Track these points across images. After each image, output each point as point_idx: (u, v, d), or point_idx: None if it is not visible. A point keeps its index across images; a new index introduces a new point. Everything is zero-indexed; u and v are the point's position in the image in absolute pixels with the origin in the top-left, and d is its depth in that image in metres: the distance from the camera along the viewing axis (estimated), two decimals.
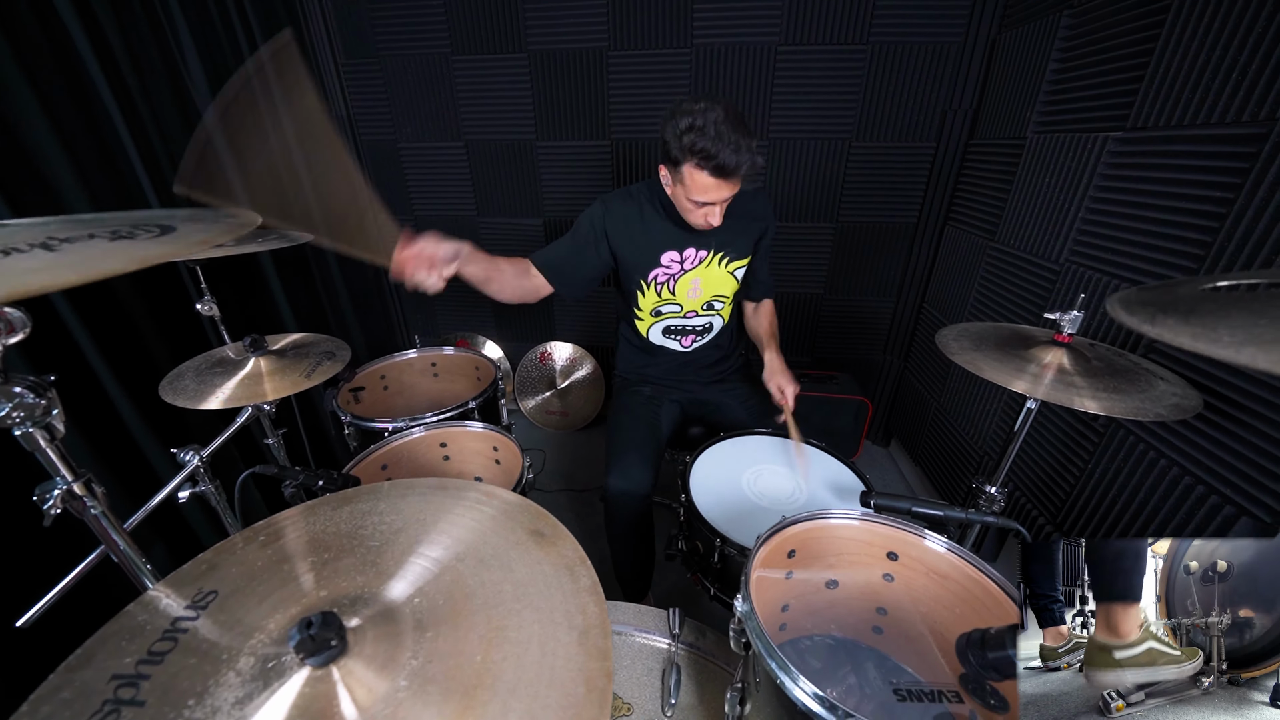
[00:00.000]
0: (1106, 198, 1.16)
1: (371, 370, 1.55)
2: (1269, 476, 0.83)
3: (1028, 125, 1.42)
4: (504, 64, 1.87)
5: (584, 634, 0.51)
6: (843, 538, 0.76)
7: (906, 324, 2.12)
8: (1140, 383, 0.80)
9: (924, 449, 1.99)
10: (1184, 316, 0.41)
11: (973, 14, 1.63)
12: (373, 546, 0.61)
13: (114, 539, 0.68)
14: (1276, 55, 0.83)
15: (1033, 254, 1.39)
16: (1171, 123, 1.01)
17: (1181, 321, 0.41)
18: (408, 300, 2.46)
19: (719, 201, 1.08)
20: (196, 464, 0.98)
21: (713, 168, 1.01)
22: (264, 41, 1.63)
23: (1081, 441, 1.20)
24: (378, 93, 1.98)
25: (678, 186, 1.10)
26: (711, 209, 1.10)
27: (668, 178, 1.13)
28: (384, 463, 1.19)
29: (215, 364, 1.04)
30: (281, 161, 0.76)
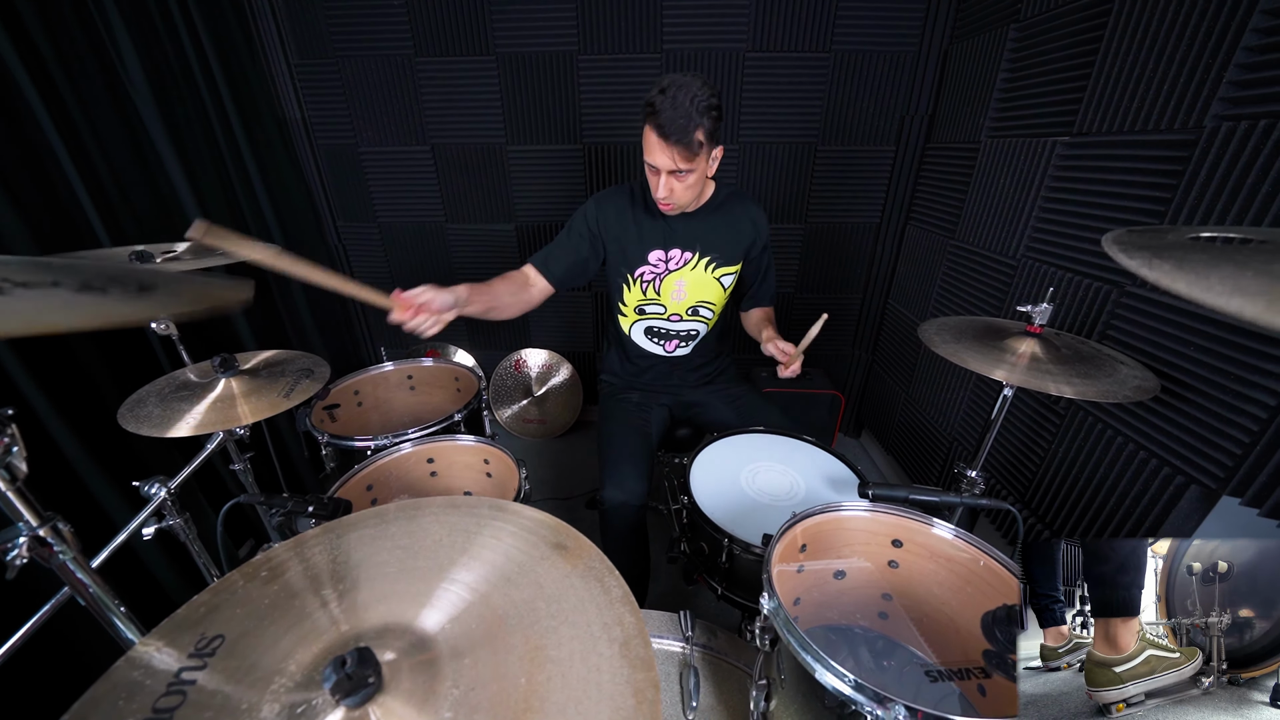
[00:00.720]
0: (1058, 197, 1.26)
1: (344, 386, 1.48)
2: (1211, 447, 0.92)
3: (982, 130, 1.52)
4: (471, 66, 1.83)
5: (625, 645, 0.51)
6: (851, 529, 0.79)
7: (873, 319, 2.22)
8: (1105, 368, 0.87)
9: (895, 438, 2.08)
10: (1177, 264, 0.44)
11: (925, 25, 1.73)
12: (389, 574, 0.58)
13: (84, 583, 0.61)
14: (1202, 68, 0.93)
15: (991, 250, 1.48)
16: (1113, 129, 1.11)
17: (1176, 268, 0.43)
18: (373, 313, 2.35)
19: (665, 170, 1.07)
20: (164, 497, 0.90)
21: (655, 124, 1.02)
22: (209, 40, 1.53)
23: (1045, 425, 1.29)
24: (335, 95, 1.89)
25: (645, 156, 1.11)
26: (661, 179, 1.09)
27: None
28: (369, 483, 1.13)
29: (180, 387, 0.96)
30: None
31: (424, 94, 1.88)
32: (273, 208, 1.79)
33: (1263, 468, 0.84)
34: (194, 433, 0.88)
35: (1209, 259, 0.45)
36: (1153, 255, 0.46)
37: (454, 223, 2.12)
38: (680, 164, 1.06)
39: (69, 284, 0.45)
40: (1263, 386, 0.84)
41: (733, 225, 1.29)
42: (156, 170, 1.41)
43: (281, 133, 1.87)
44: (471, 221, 2.12)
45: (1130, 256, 0.47)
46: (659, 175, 1.10)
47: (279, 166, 1.84)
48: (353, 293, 0.85)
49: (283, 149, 1.86)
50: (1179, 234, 0.53)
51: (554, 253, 1.30)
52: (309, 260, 0.76)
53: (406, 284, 2.40)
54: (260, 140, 1.74)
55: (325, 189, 2.06)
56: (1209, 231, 0.51)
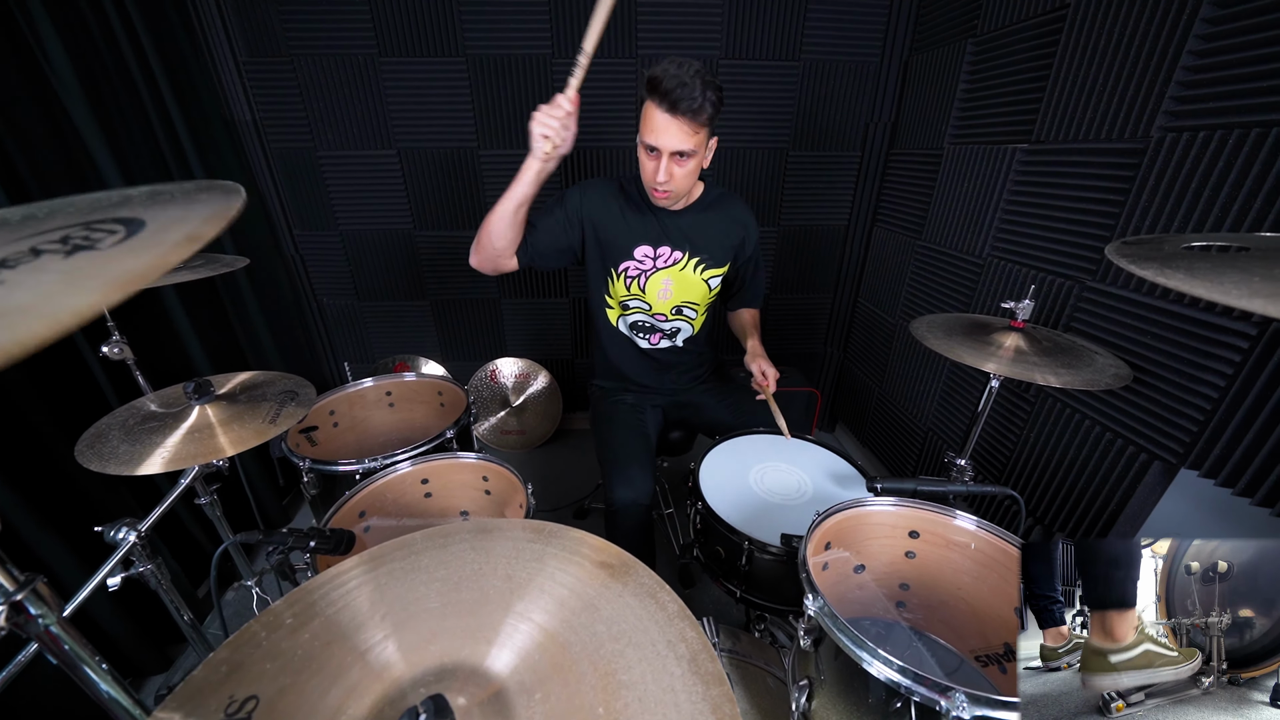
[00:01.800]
0: (1020, 200, 1.35)
1: (319, 406, 1.38)
2: (1171, 425, 1.01)
3: (944, 137, 1.61)
4: (440, 68, 1.76)
5: (693, 661, 0.50)
6: (872, 523, 0.81)
7: (844, 317, 2.31)
8: (1084, 358, 0.94)
9: (870, 431, 2.17)
10: (1189, 272, 0.48)
11: (886, 38, 1.82)
12: (433, 610, 0.54)
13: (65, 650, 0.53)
14: (1147, 83, 1.02)
15: (958, 250, 1.58)
16: (1068, 138, 1.21)
17: (1189, 276, 0.47)
18: (335, 326, 2.22)
19: (667, 150, 1.04)
20: (134, 542, 0.81)
21: (659, 94, 0.99)
22: (147, 35, 1.40)
23: (1016, 412, 1.38)
24: (290, 96, 1.77)
25: (639, 137, 1.07)
26: (660, 161, 1.05)
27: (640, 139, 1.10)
28: (362, 509, 1.06)
29: (146, 418, 0.86)
30: None
31: (389, 96, 1.79)
32: None
33: (1216, 442, 0.94)
34: (169, 468, 0.79)
35: (1213, 266, 0.49)
36: (1163, 265, 0.51)
37: (423, 229, 2.04)
38: (685, 143, 1.03)
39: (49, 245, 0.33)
40: (1214, 369, 0.93)
41: (724, 226, 1.30)
42: (91, 176, 1.27)
43: (230, 135, 1.73)
44: (442, 228, 2.04)
45: (1141, 267, 0.51)
46: (659, 159, 1.06)
47: (228, 171, 1.70)
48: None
49: (232, 153, 1.72)
50: (1174, 244, 0.58)
51: (530, 230, 1.20)
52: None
53: (371, 293, 2.27)
54: (206, 143, 1.60)
55: (280, 195, 1.92)
56: (1199, 241, 0.57)
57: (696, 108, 0.99)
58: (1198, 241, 0.58)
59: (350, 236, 2.03)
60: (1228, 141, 0.90)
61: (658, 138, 1.03)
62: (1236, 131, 0.88)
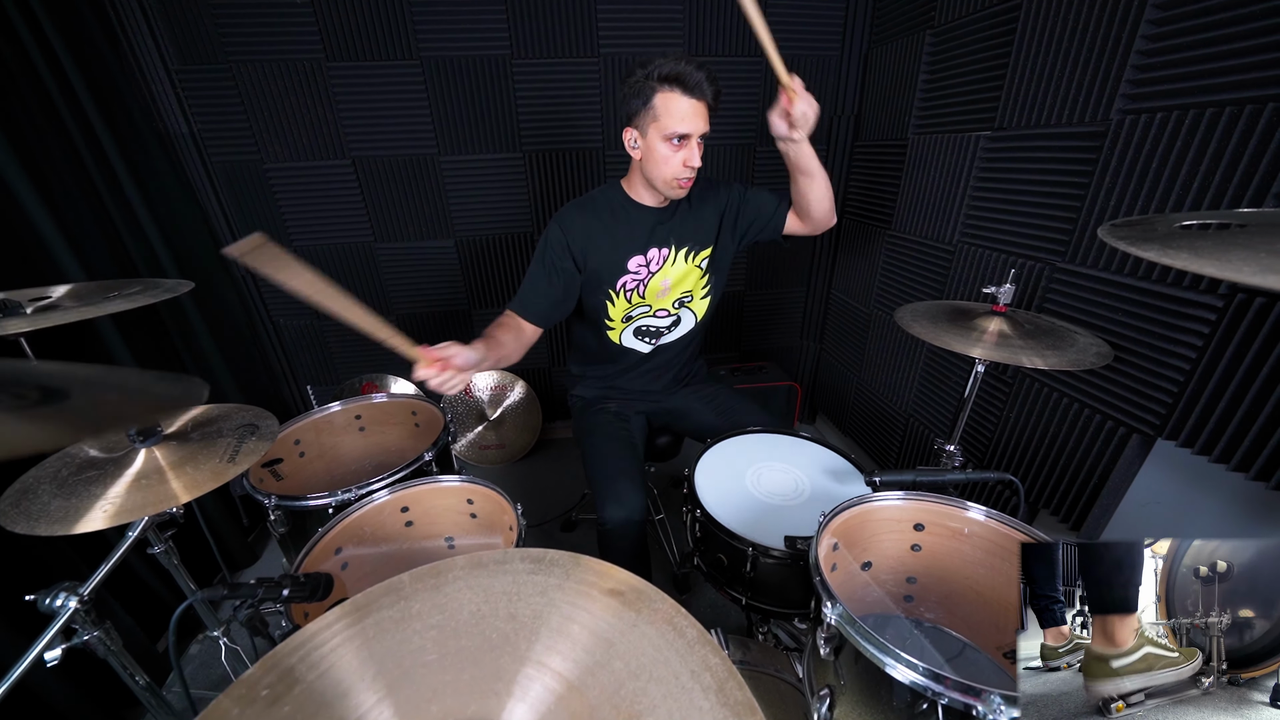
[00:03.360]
0: (986, 187, 1.38)
1: (282, 436, 1.28)
2: (1146, 399, 1.04)
3: (908, 127, 1.64)
4: (393, 72, 1.68)
5: (720, 691, 0.46)
6: (879, 519, 0.80)
7: (818, 310, 2.33)
8: (1066, 339, 0.95)
9: (851, 420, 2.20)
10: (1193, 251, 0.47)
11: (845, 31, 1.84)
12: (430, 662, 0.49)
13: None
14: (1104, 67, 1.05)
15: (928, 238, 1.60)
16: (1030, 123, 1.23)
17: (1193, 255, 0.46)
18: (294, 347, 2.09)
19: (696, 133, 1.07)
20: (75, 608, 0.72)
21: (685, 86, 1.03)
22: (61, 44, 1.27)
23: (996, 394, 1.41)
24: (230, 106, 1.65)
25: (650, 132, 1.07)
26: (690, 147, 1.08)
27: (635, 137, 1.11)
28: (337, 546, 0.98)
29: (83, 466, 0.77)
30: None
31: (340, 103, 1.70)
32: (163, 236, 1.52)
33: (1191, 412, 0.97)
34: (113, 523, 0.71)
35: (1215, 244, 0.49)
36: (1164, 246, 0.50)
37: (384, 242, 1.94)
38: (708, 124, 1.07)
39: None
40: (1185, 343, 0.96)
41: (704, 208, 1.27)
42: (6, 202, 1.14)
43: (164, 149, 1.60)
44: (405, 239, 1.95)
45: (1142, 249, 0.51)
46: (688, 145, 1.08)
47: (165, 189, 1.57)
48: (384, 337, 0.82)
49: (169, 169, 1.59)
50: (1166, 224, 0.58)
51: (530, 294, 1.22)
52: (343, 291, 0.70)
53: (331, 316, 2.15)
54: (140, 159, 1.48)
55: (225, 212, 1.80)
56: (1190, 220, 0.57)
57: (715, 90, 1.05)
58: (1189, 220, 0.58)
59: (305, 252, 1.91)
60: (1184, 122, 0.93)
61: (689, 123, 1.05)
62: (1193, 112, 0.91)
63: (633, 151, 1.14)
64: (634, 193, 1.23)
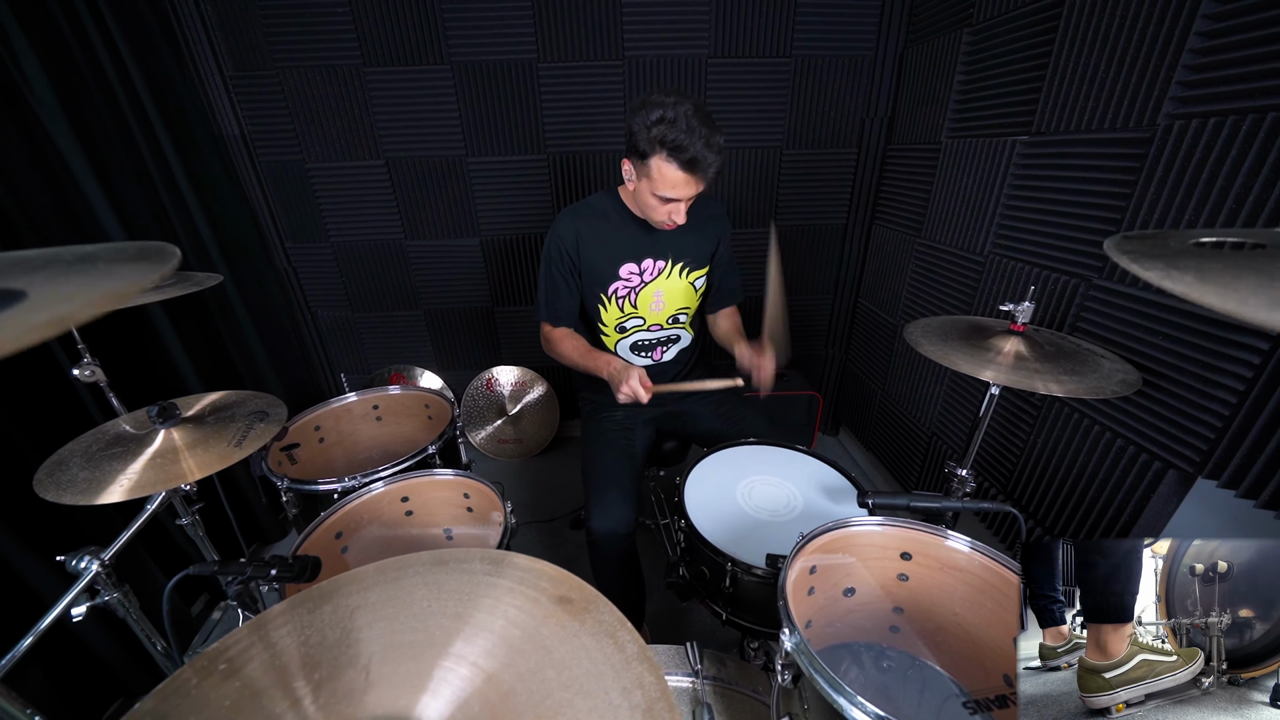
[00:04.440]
0: (1021, 194, 1.29)
1: (304, 422, 1.36)
2: (1186, 433, 0.95)
3: (942, 131, 1.55)
4: (425, 76, 1.75)
5: (649, 712, 0.46)
6: (861, 544, 0.77)
7: (844, 318, 2.25)
8: (1089, 363, 0.88)
9: (874, 435, 2.11)
10: (1198, 274, 0.42)
11: (880, 30, 1.76)
12: (376, 653, 0.51)
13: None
14: (1153, 69, 0.96)
15: (958, 248, 1.52)
16: (1070, 128, 1.14)
17: (1198, 279, 0.41)
18: (330, 337, 2.22)
19: (685, 199, 1.08)
20: (96, 571, 0.79)
21: (683, 161, 1.00)
22: (129, 53, 1.39)
23: (1022, 417, 1.32)
24: (277, 109, 1.76)
25: (643, 181, 1.09)
26: (677, 206, 1.09)
27: (631, 172, 1.12)
28: (338, 530, 1.03)
29: (110, 443, 0.85)
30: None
31: (375, 106, 1.78)
32: (213, 231, 1.65)
33: (1236, 450, 0.88)
34: (128, 496, 0.77)
35: (1226, 267, 0.44)
36: (1168, 265, 0.45)
37: (414, 239, 2.02)
38: (697, 189, 1.08)
39: None
40: (1232, 373, 0.87)
41: (701, 228, 1.29)
42: (74, 196, 1.26)
43: (219, 150, 1.72)
44: (433, 237, 2.02)
45: (1145, 268, 0.46)
46: (677, 204, 1.09)
47: (217, 187, 1.70)
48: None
49: (221, 168, 1.72)
50: (1181, 239, 0.52)
51: (554, 300, 1.28)
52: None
53: (365, 304, 2.26)
54: (194, 159, 1.60)
55: (271, 209, 1.92)
56: (1208, 236, 0.51)
57: (714, 171, 1.04)
58: (1208, 237, 0.52)
59: (341, 248, 2.02)
60: (1240, 128, 0.83)
61: (679, 192, 1.06)
62: (1251, 117, 0.82)
63: (628, 181, 1.15)
64: (629, 202, 1.25)
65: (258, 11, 1.62)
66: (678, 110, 0.99)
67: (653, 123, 1.00)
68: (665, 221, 1.13)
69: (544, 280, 1.28)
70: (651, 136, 1.01)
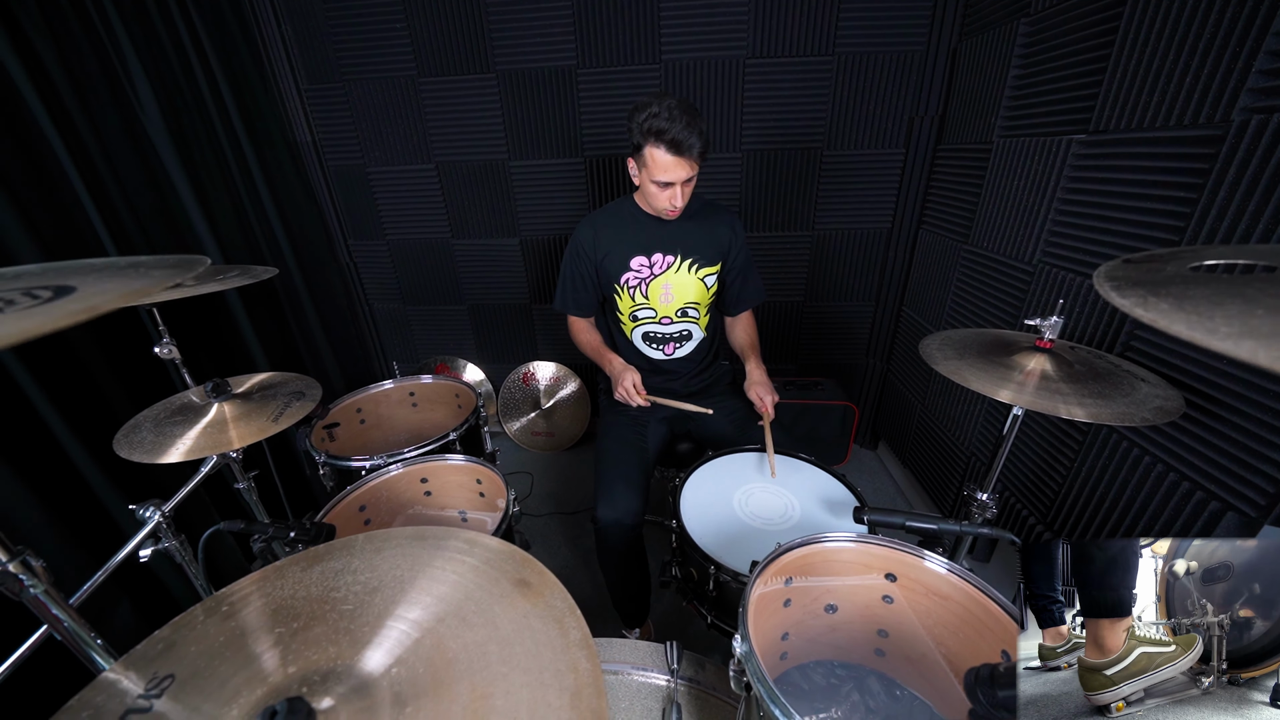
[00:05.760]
0: (1075, 199, 1.18)
1: (347, 404, 1.50)
2: (1251, 471, 0.84)
3: (993, 130, 1.45)
4: (472, 85, 1.85)
5: (576, 695, 0.48)
6: (840, 560, 0.74)
7: (887, 327, 2.14)
8: (1123, 386, 0.80)
9: (911, 451, 2.00)
10: (1177, 301, 0.39)
11: (933, 23, 1.67)
12: (346, 611, 0.57)
13: (58, 618, 0.62)
14: (1228, 58, 0.85)
15: (1006, 255, 1.41)
16: (1132, 125, 1.04)
17: (1175, 307, 0.38)
18: (384, 327, 2.40)
19: (679, 181, 1.17)
20: (158, 520, 0.92)
21: (668, 142, 1.11)
22: (221, 70, 1.59)
23: (1067, 441, 1.21)
24: (343, 117, 1.94)
25: (643, 172, 1.20)
26: (674, 190, 1.18)
27: (634, 168, 1.23)
28: (362, 503, 1.13)
29: (176, 412, 0.98)
30: None
31: (428, 113, 1.91)
32: (284, 228, 1.84)
33: None
34: (185, 458, 0.89)
35: (1213, 294, 0.39)
36: (1148, 293, 0.41)
37: (459, 238, 2.15)
38: (690, 173, 1.17)
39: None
40: None
41: (709, 230, 1.36)
42: (169, 194, 1.46)
43: (293, 155, 1.92)
44: (476, 237, 2.14)
45: (1123, 295, 0.42)
46: (673, 188, 1.19)
47: (290, 188, 1.89)
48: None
49: (294, 171, 1.92)
50: (1181, 263, 0.47)
51: (570, 290, 1.41)
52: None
53: (415, 297, 2.41)
54: (271, 163, 1.80)
55: (336, 208, 2.12)
56: (1217, 259, 0.46)
57: (697, 151, 1.14)
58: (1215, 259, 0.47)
59: (396, 245, 2.19)
60: None
61: (670, 174, 1.16)
62: None
63: (634, 178, 1.26)
64: (642, 203, 1.35)
65: (328, 28, 1.79)
66: (662, 104, 1.10)
67: (643, 119, 1.12)
68: (667, 208, 1.23)
69: (564, 272, 1.41)
70: (644, 130, 1.12)
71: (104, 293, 0.48)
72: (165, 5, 1.43)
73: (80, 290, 0.48)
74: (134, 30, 1.34)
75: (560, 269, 1.41)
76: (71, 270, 0.54)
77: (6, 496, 1.04)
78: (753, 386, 1.33)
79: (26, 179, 1.14)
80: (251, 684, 0.49)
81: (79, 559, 1.15)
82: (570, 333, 1.48)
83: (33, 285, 0.48)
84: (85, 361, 1.21)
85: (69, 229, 1.22)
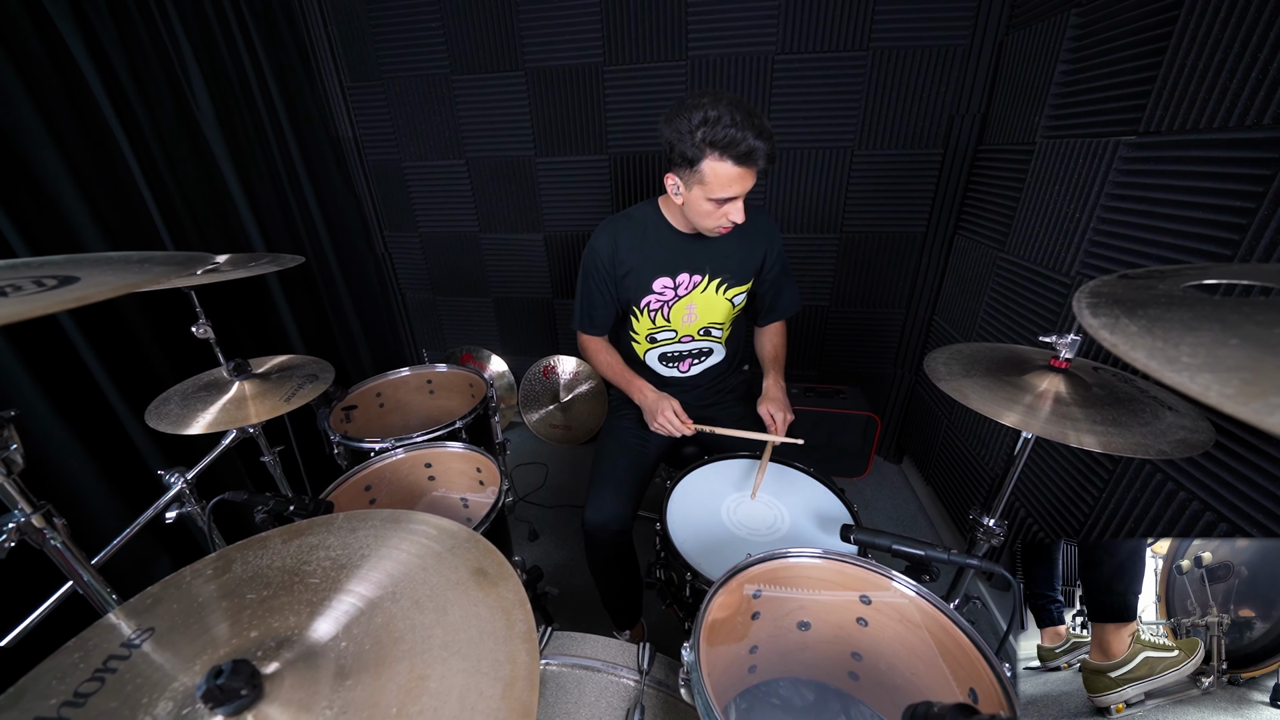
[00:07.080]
0: (1119, 207, 1.09)
1: (367, 388, 1.57)
2: None
3: (1037, 130, 1.35)
4: (502, 82, 1.90)
5: (509, 686, 0.49)
6: (812, 577, 0.72)
7: (917, 337, 2.04)
8: (1144, 414, 0.73)
9: (935, 468, 1.90)
10: (1149, 325, 0.35)
11: (978, 15, 1.57)
12: (312, 584, 0.60)
13: (77, 571, 0.69)
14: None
15: (1042, 265, 1.31)
16: (1186, 126, 0.94)
17: (1143, 332, 0.35)
18: (415, 316, 2.50)
19: (742, 195, 1.03)
20: (182, 486, 1.00)
21: (736, 155, 0.95)
22: (271, 69, 1.69)
23: (1094, 470, 1.12)
24: (381, 114, 2.03)
25: (694, 189, 1.04)
26: (735, 205, 1.04)
27: (678, 184, 1.07)
28: (368, 484, 1.19)
29: (203, 387, 1.06)
30: None
31: (460, 110, 1.97)
32: (324, 219, 1.95)
33: None
34: (206, 430, 0.96)
35: (1193, 318, 0.35)
36: (1124, 313, 0.38)
37: (487, 232, 2.21)
38: (754, 181, 1.02)
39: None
40: None
41: (745, 244, 1.23)
42: (219, 186, 1.58)
43: (335, 150, 2.03)
44: (503, 231, 2.19)
45: (1096, 315, 0.38)
46: (734, 202, 1.05)
47: (331, 181, 2.00)
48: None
49: (335, 165, 2.03)
50: (1177, 281, 0.43)
51: (589, 309, 1.31)
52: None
53: (444, 288, 2.49)
54: (314, 158, 1.90)
55: (374, 201, 2.22)
56: (1219, 278, 0.41)
57: (770, 153, 0.97)
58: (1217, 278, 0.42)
59: (427, 237, 2.27)
60: None
61: (736, 188, 1.01)
62: None
63: (674, 196, 1.11)
64: (670, 215, 1.22)
65: (370, 28, 1.88)
66: (718, 107, 0.94)
67: (695, 126, 0.96)
68: (723, 224, 1.08)
69: (581, 290, 1.30)
70: (697, 141, 0.96)
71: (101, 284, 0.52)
72: (221, 7, 1.54)
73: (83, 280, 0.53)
74: (192, 32, 1.45)
75: (577, 284, 1.31)
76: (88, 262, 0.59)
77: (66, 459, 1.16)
78: (765, 403, 1.23)
79: (101, 174, 1.25)
80: (216, 644, 0.53)
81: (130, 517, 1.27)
82: (584, 352, 1.37)
83: (44, 274, 0.53)
84: (135, 334, 1.32)
85: (131, 220, 1.34)
